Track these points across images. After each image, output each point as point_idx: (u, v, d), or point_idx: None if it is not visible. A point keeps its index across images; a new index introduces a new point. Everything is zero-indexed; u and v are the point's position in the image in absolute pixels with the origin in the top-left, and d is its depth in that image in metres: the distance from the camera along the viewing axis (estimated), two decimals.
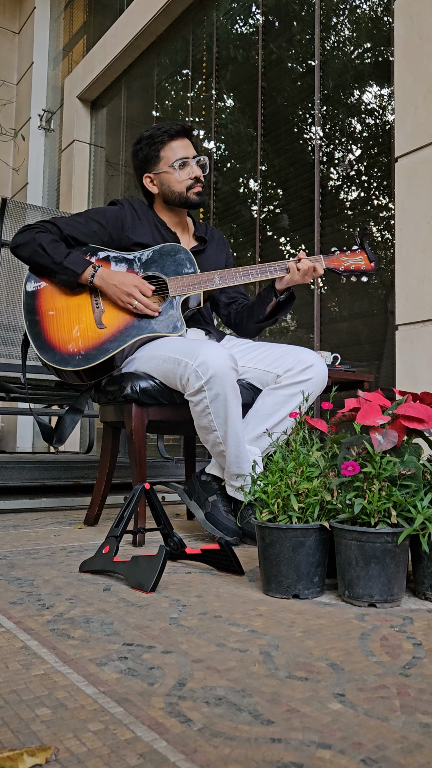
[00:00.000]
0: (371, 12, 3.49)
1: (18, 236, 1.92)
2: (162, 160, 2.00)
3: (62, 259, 1.84)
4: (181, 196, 2.00)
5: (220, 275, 1.90)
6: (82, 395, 2.04)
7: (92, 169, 6.05)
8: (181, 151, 1.99)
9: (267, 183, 4.11)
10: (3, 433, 6.54)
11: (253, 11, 4.31)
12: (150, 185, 2.04)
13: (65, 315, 1.88)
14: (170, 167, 1.98)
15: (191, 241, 2.11)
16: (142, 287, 1.85)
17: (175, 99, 5.24)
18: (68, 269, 1.85)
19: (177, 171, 1.98)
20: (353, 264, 1.91)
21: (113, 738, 0.64)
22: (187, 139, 2.03)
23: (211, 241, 2.13)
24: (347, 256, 1.92)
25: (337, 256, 1.93)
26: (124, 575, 1.29)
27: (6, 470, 2.67)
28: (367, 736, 0.64)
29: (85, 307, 1.89)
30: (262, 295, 2.02)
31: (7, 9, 7.32)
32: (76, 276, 1.85)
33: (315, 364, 1.80)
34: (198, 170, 2.01)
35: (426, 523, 1.10)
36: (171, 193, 2.00)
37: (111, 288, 1.85)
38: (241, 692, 0.75)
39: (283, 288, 1.95)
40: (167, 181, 2.00)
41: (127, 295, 1.84)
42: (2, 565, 1.46)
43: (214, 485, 1.81)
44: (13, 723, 0.67)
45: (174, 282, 1.91)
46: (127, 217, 1.99)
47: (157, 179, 2.02)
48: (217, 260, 2.10)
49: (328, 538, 1.20)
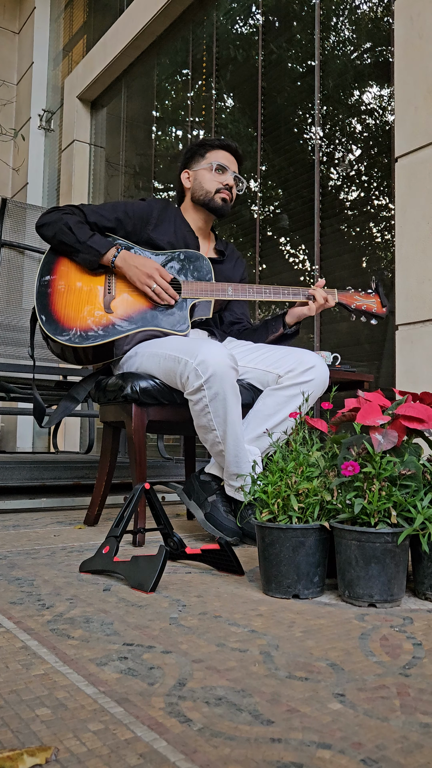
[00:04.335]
0: (371, 12, 3.49)
1: (44, 216, 1.96)
2: (205, 160, 2.09)
3: (87, 239, 1.88)
4: (207, 195, 2.05)
5: (234, 287, 1.95)
6: (80, 385, 2.04)
7: (92, 169, 6.05)
8: (224, 160, 2.09)
9: (267, 183, 4.11)
10: (3, 433, 6.54)
11: (253, 11, 4.31)
12: (185, 180, 2.12)
13: (76, 294, 1.90)
14: (209, 167, 2.06)
15: (210, 252, 2.16)
16: (162, 272, 1.89)
17: (175, 99, 5.24)
18: (92, 248, 1.88)
19: (212, 173, 2.06)
20: (365, 305, 1.97)
21: (113, 738, 0.64)
22: (234, 157, 2.12)
23: (231, 257, 2.19)
24: (360, 297, 1.99)
25: (351, 294, 2.00)
26: (124, 575, 1.29)
27: (6, 470, 2.67)
28: (367, 736, 0.64)
29: (97, 290, 1.92)
30: (269, 323, 2.07)
31: (7, 9, 7.32)
32: (99, 256, 1.88)
33: (317, 365, 1.81)
34: (232, 181, 2.08)
35: (426, 523, 1.10)
36: (200, 189, 2.06)
37: (132, 269, 1.88)
38: (241, 692, 0.75)
39: (292, 321, 2.01)
40: (201, 177, 2.07)
41: (148, 276, 1.87)
42: (2, 565, 1.46)
43: (214, 485, 1.81)
44: (13, 723, 0.67)
45: (188, 285, 1.94)
46: (154, 214, 2.03)
47: (193, 175, 2.10)
48: (233, 275, 2.15)
49: (328, 538, 1.20)
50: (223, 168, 2.06)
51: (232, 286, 1.94)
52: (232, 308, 2.18)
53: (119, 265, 1.89)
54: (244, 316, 2.21)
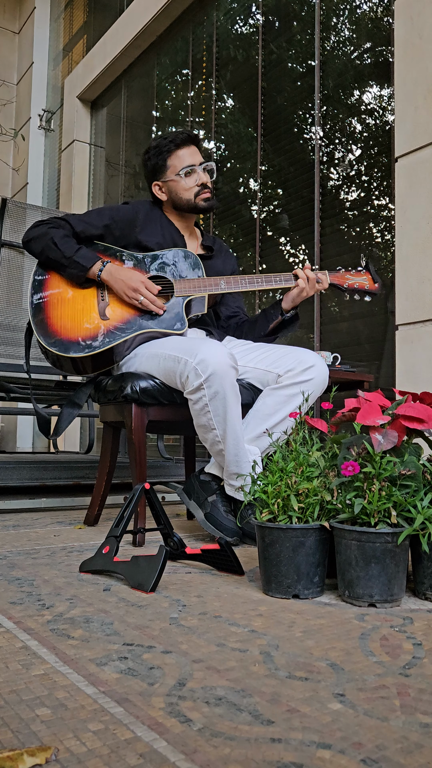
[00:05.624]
0: (371, 12, 3.49)
1: (31, 231, 1.95)
2: (169, 169, 2.03)
3: (72, 254, 1.88)
4: (189, 203, 2.03)
5: (226, 280, 1.94)
6: (81, 389, 2.04)
7: (92, 169, 6.05)
8: (187, 158, 2.02)
9: (267, 183, 4.11)
10: (3, 433, 6.54)
11: (253, 11, 4.31)
12: (159, 193, 2.07)
13: (70, 305, 1.90)
14: (177, 176, 2.01)
15: (198, 248, 2.14)
16: (148, 284, 1.88)
17: (175, 99, 5.24)
18: (78, 263, 1.88)
19: (183, 179, 2.01)
20: (357, 283, 1.96)
21: (113, 738, 0.64)
22: (193, 146, 2.06)
23: (219, 252, 2.17)
24: (352, 275, 1.98)
25: (342, 274, 1.98)
26: (124, 575, 1.29)
27: (6, 470, 2.67)
28: (367, 736, 0.64)
29: (91, 299, 1.91)
30: (267, 312, 2.06)
31: (7, 9, 7.32)
32: (84, 270, 1.88)
33: (316, 364, 1.81)
34: (205, 176, 2.04)
35: (426, 523, 1.10)
36: (179, 200, 2.03)
37: (118, 283, 1.88)
38: (241, 692, 0.75)
39: (289, 306, 1.98)
40: (175, 189, 2.03)
41: (134, 290, 1.87)
42: (2, 565, 1.46)
43: (213, 485, 1.81)
44: (13, 723, 0.67)
45: (180, 284, 1.94)
46: (140, 216, 2.02)
47: (165, 187, 2.05)
48: (224, 269, 2.13)
49: (328, 538, 1.20)
50: (191, 169, 2.01)
51: (224, 279, 1.94)
52: (227, 302, 2.17)
53: (105, 279, 1.89)
54: (240, 309, 2.20)
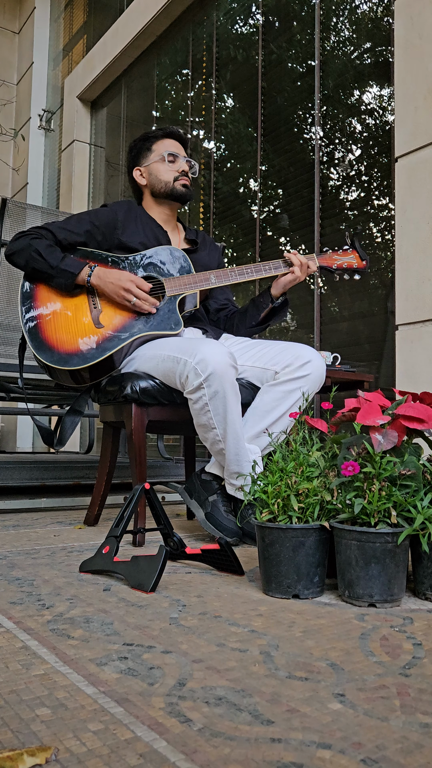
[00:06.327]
0: (371, 12, 3.49)
1: (13, 244, 1.93)
2: (153, 153, 2.08)
3: (58, 263, 1.87)
4: (167, 185, 2.05)
5: (216, 274, 1.93)
6: (81, 396, 2.05)
7: (92, 169, 6.05)
8: (172, 147, 2.09)
9: (267, 183, 4.11)
10: (3, 433, 6.54)
11: (253, 11, 4.31)
12: (139, 177, 2.11)
13: (63, 316, 1.89)
14: (160, 158, 2.06)
15: (182, 243, 2.14)
16: (139, 283, 1.87)
17: (175, 99, 5.24)
18: (65, 271, 1.86)
19: (165, 163, 2.06)
20: (345, 262, 1.96)
21: (113, 738, 0.64)
22: (180, 143, 2.12)
23: (203, 244, 2.17)
24: (339, 255, 1.97)
25: (329, 255, 1.98)
26: (124, 575, 1.29)
27: (6, 470, 2.67)
28: (367, 736, 0.64)
29: (83, 308, 1.90)
30: (256, 300, 2.06)
31: (7, 9, 7.32)
32: (73, 277, 1.87)
33: (313, 359, 1.81)
34: (186, 166, 2.08)
35: (426, 523, 1.10)
36: (158, 182, 2.06)
37: (108, 285, 1.87)
38: (241, 692, 0.75)
39: (278, 293, 1.97)
40: (156, 170, 2.07)
41: (125, 290, 1.86)
42: (2, 565, 1.46)
43: (214, 484, 1.81)
44: (13, 723, 0.67)
45: (170, 282, 1.93)
46: (120, 217, 2.02)
47: (146, 171, 2.09)
48: (210, 262, 2.13)
49: (328, 538, 1.20)
50: (174, 155, 2.06)
51: (214, 273, 1.93)
52: (215, 295, 2.16)
53: (95, 283, 1.88)
54: (228, 300, 2.20)
